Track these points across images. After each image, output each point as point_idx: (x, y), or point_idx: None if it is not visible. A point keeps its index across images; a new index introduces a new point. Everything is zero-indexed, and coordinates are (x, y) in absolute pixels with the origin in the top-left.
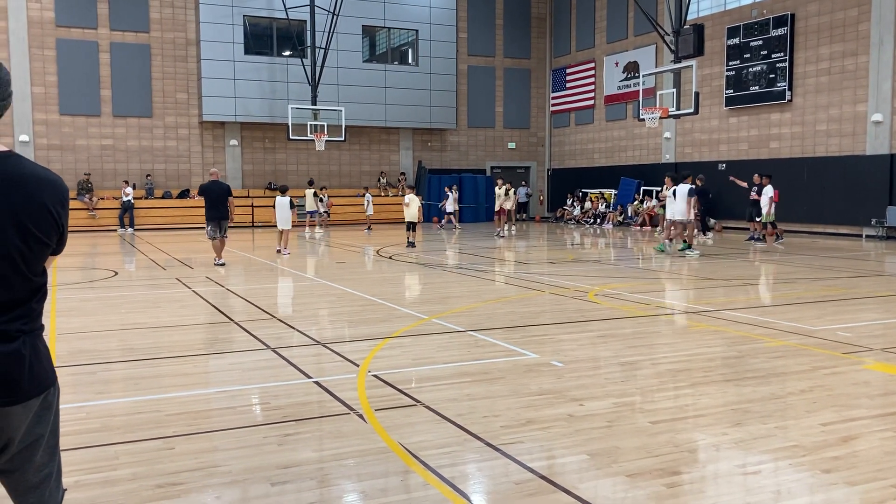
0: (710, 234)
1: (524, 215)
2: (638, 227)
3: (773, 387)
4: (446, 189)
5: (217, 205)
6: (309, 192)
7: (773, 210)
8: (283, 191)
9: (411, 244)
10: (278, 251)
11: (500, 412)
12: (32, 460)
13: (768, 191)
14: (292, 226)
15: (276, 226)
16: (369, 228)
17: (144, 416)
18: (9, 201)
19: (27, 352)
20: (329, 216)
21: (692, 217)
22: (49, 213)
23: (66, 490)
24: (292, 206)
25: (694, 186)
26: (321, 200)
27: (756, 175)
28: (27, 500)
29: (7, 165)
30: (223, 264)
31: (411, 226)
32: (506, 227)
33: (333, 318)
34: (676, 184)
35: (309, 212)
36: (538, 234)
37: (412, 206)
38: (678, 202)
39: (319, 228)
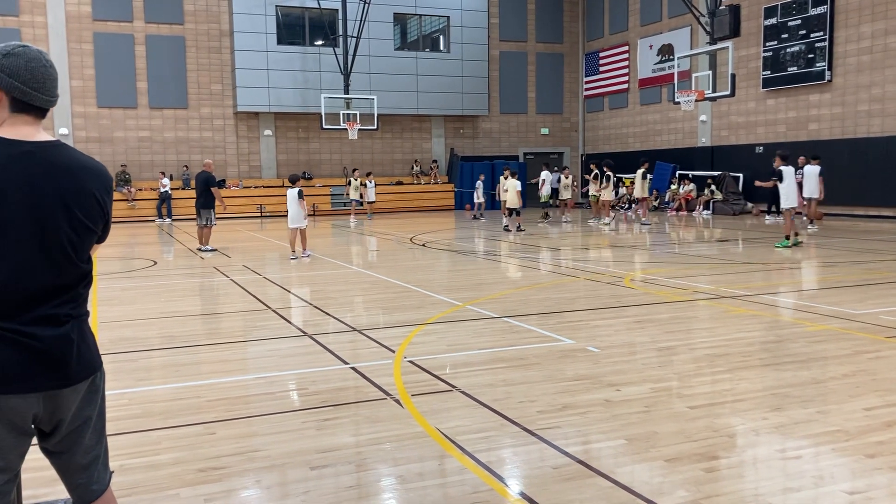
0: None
1: (556, 201)
2: (674, 212)
3: (813, 371)
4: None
5: (198, 195)
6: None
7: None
8: (293, 181)
9: (506, 228)
10: (293, 258)
11: (536, 397)
12: (81, 442)
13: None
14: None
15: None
16: (480, 215)
17: (185, 402)
18: (58, 189)
19: (75, 336)
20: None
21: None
22: (96, 201)
23: (112, 472)
24: (301, 197)
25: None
26: (364, 186)
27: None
28: (76, 480)
29: (54, 154)
30: (205, 250)
31: (511, 212)
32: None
33: (368, 305)
34: (788, 163)
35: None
36: (572, 220)
37: (510, 191)
38: (809, 182)
39: (360, 216)
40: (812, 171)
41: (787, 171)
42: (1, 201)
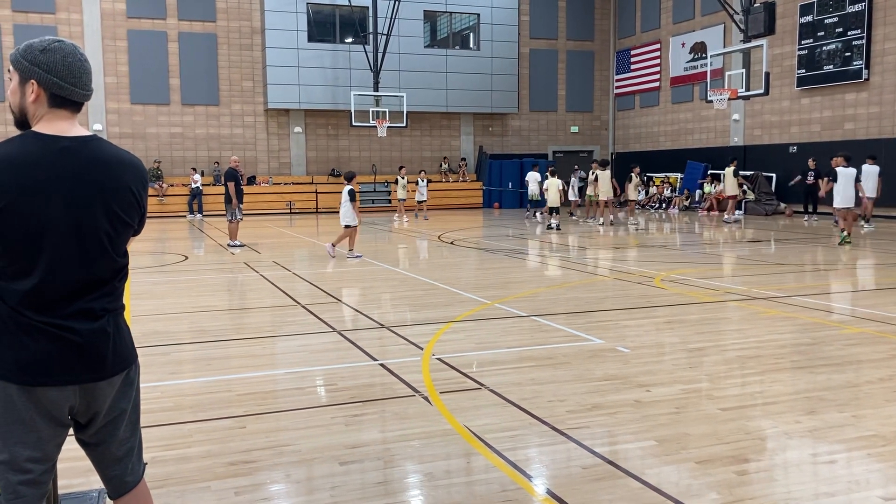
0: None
1: (579, 201)
2: (705, 212)
3: (848, 375)
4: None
5: (226, 191)
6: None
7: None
8: (348, 178)
9: (550, 227)
10: (350, 252)
11: (565, 397)
12: (116, 434)
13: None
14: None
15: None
16: (562, 211)
17: (215, 396)
18: (96, 184)
19: (111, 329)
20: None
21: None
22: (132, 195)
23: (146, 464)
24: (353, 198)
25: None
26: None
27: (811, 160)
28: (111, 472)
29: (91, 149)
30: (232, 245)
31: (552, 210)
32: (537, 216)
33: (396, 302)
34: (849, 165)
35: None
36: (602, 220)
37: (551, 189)
38: (868, 181)
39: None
40: (871, 170)
41: (843, 172)
42: (40, 197)
